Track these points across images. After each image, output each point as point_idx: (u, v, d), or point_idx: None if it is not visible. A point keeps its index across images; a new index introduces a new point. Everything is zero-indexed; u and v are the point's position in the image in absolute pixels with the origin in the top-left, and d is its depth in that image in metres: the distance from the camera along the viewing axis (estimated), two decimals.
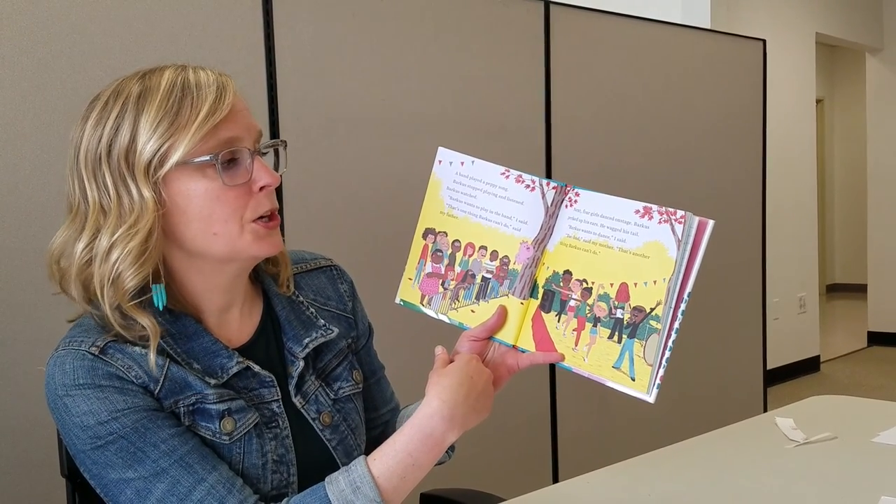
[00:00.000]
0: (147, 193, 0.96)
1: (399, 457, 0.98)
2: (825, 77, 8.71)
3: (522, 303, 1.05)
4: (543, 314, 1.04)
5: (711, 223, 0.95)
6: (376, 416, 1.24)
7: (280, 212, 1.11)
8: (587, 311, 1.01)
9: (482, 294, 1.08)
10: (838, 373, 5.72)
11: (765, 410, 3.72)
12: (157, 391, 0.98)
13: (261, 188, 1.00)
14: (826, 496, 1.40)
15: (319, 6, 2.33)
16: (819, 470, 1.51)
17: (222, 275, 1.05)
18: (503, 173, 1.08)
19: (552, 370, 2.93)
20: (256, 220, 1.00)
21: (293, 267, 1.17)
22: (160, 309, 1.00)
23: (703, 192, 3.46)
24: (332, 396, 1.12)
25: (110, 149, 0.97)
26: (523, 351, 1.06)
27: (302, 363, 1.10)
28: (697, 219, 0.96)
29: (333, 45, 2.36)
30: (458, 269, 1.10)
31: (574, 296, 1.02)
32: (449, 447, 1.17)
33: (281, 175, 1.05)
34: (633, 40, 3.23)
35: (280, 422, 1.06)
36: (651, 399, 0.97)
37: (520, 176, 1.07)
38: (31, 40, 1.83)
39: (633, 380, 0.97)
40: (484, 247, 1.08)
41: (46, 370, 0.98)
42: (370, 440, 1.20)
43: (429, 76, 2.59)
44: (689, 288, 0.96)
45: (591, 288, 1.01)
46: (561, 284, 1.03)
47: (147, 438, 0.95)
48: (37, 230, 1.83)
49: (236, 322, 1.08)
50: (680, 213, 0.96)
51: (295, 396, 1.09)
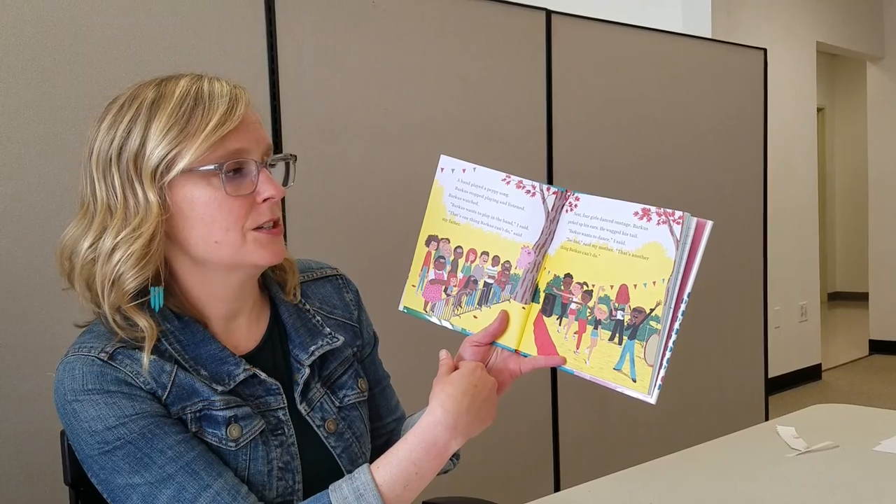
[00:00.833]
0: (152, 197, 0.98)
1: (402, 465, 0.98)
2: (826, 85, 8.72)
3: (524, 307, 1.06)
4: (545, 318, 1.04)
5: (710, 224, 0.96)
6: (381, 426, 1.24)
7: (283, 220, 1.11)
8: (588, 314, 1.01)
9: (484, 299, 1.08)
10: (840, 381, 5.71)
11: (766, 419, 3.71)
12: (165, 397, 0.98)
13: (264, 200, 1.01)
14: None
15: (322, 15, 2.34)
16: (821, 478, 1.51)
17: (227, 283, 1.06)
18: (504, 179, 1.09)
19: (554, 377, 2.93)
20: (257, 229, 1.01)
21: (299, 275, 1.17)
22: (156, 310, 1.01)
23: (705, 201, 3.47)
24: (338, 404, 1.13)
25: (121, 151, 0.99)
26: (525, 355, 1.06)
27: (307, 371, 1.10)
28: (696, 219, 0.96)
29: (336, 53, 2.36)
30: (461, 276, 1.10)
31: (575, 299, 1.02)
32: (453, 455, 1.17)
33: (287, 188, 1.06)
34: (635, 49, 3.24)
35: (286, 429, 1.06)
36: (652, 400, 0.96)
37: (520, 182, 1.08)
38: (36, 49, 1.84)
39: (635, 381, 0.97)
40: (486, 252, 1.09)
41: (55, 375, 0.99)
42: (375, 449, 1.20)
43: (431, 84, 2.60)
44: (689, 288, 0.96)
45: (592, 290, 1.01)
46: (562, 288, 1.04)
47: (154, 444, 0.96)
48: (39, 238, 1.83)
49: (244, 329, 1.09)
50: (678, 214, 0.96)
51: (300, 404, 1.09)
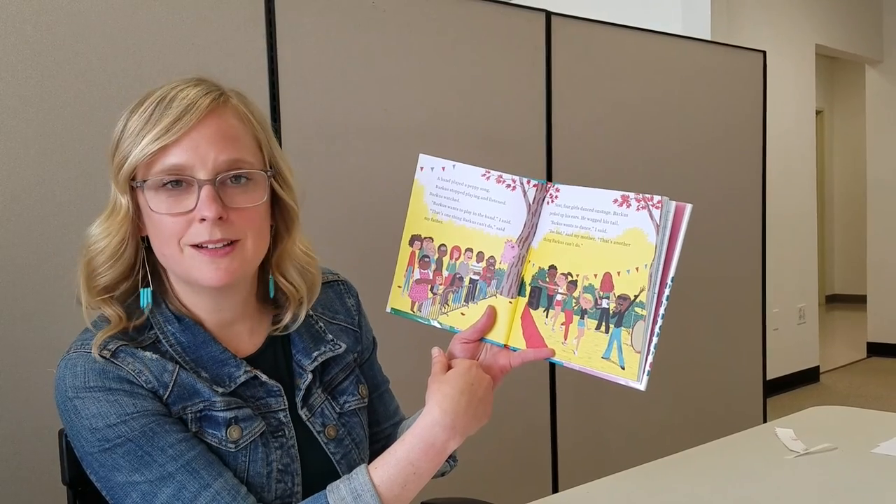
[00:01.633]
0: (123, 200, 0.99)
1: (400, 465, 0.98)
2: (825, 88, 8.73)
3: (511, 301, 1.05)
4: (532, 311, 1.04)
5: (689, 207, 0.95)
6: (379, 431, 1.24)
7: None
8: (574, 304, 1.01)
9: (471, 296, 1.08)
10: (838, 383, 5.71)
11: (765, 421, 3.72)
12: (166, 396, 0.98)
13: (200, 219, 0.98)
14: None
15: (322, 16, 2.34)
16: (819, 481, 1.52)
17: (202, 296, 1.05)
18: (484, 175, 1.09)
19: (552, 378, 2.93)
20: (196, 246, 0.99)
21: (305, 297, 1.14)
22: (144, 310, 1.02)
23: (704, 203, 3.47)
24: (338, 410, 1.13)
25: (113, 148, 1.01)
26: (515, 349, 1.06)
27: (310, 376, 1.10)
28: (674, 203, 0.96)
29: (336, 55, 2.36)
30: (446, 273, 1.10)
31: (560, 290, 1.02)
32: (451, 457, 1.16)
33: (250, 207, 1.02)
34: (634, 51, 3.24)
35: (286, 431, 1.06)
36: (642, 387, 0.96)
37: (500, 176, 1.07)
38: (35, 48, 1.84)
39: (623, 368, 0.97)
40: (470, 249, 1.08)
41: (57, 372, 0.99)
42: (373, 454, 1.18)
43: (431, 86, 2.60)
44: (672, 272, 0.96)
45: (577, 280, 1.01)
46: (547, 280, 1.03)
47: (155, 442, 0.96)
48: (38, 238, 1.84)
49: (244, 334, 1.09)
50: (657, 199, 0.96)
51: (301, 409, 1.09)
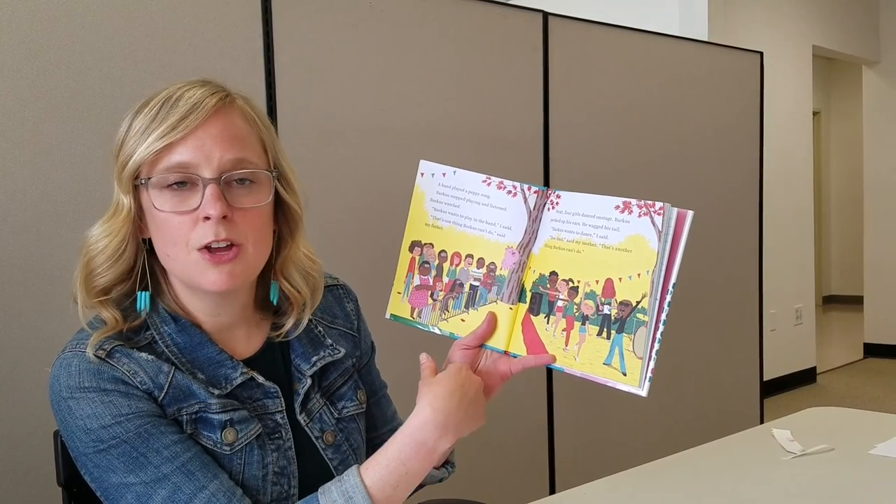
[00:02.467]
0: (125, 200, 0.99)
1: (391, 466, 0.97)
2: (822, 89, 8.74)
3: (511, 308, 1.05)
4: (532, 317, 1.04)
5: (691, 213, 0.95)
6: (376, 436, 1.23)
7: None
8: (575, 311, 1.01)
9: (471, 302, 1.07)
10: (835, 384, 5.72)
11: (761, 422, 3.72)
12: (161, 398, 0.98)
13: (205, 218, 0.97)
14: None
15: (319, 16, 2.33)
16: (816, 482, 1.51)
17: (203, 299, 1.04)
18: (485, 181, 1.08)
19: (549, 381, 2.93)
20: (202, 249, 0.97)
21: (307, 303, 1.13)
22: (140, 313, 1.01)
23: (701, 204, 3.47)
24: (336, 416, 1.12)
25: (118, 148, 1.01)
26: (515, 356, 1.05)
27: (309, 381, 1.09)
28: (676, 210, 0.96)
29: (332, 56, 2.36)
30: (447, 280, 1.09)
31: (561, 296, 1.02)
32: (450, 463, 1.16)
33: (253, 207, 1.01)
34: (631, 52, 3.25)
35: (283, 433, 1.05)
36: (644, 393, 0.96)
37: (501, 182, 1.07)
38: (31, 48, 1.83)
39: (625, 374, 0.97)
40: (470, 255, 1.08)
41: (51, 371, 0.98)
42: None
43: (428, 86, 2.60)
44: (674, 279, 0.96)
45: (578, 287, 1.01)
46: (548, 286, 1.03)
47: (150, 444, 0.95)
48: (34, 238, 1.83)
49: (242, 338, 1.08)
50: (658, 205, 0.96)
51: (300, 414, 1.08)
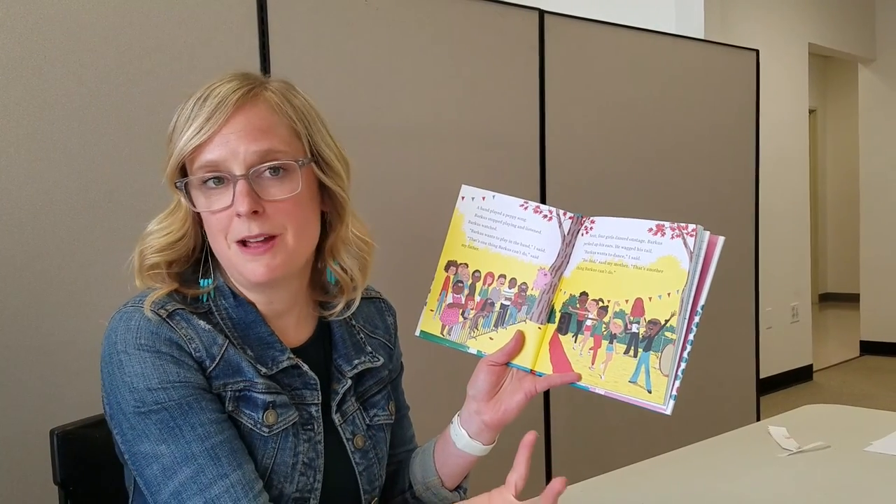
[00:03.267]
0: (180, 197, 1.01)
1: None
2: (818, 87, 8.76)
3: (540, 327, 1.05)
4: (560, 336, 1.04)
5: (722, 239, 0.98)
6: (393, 454, 1.22)
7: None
8: (603, 329, 1.01)
9: (500, 321, 1.08)
10: (831, 382, 5.73)
11: (758, 419, 3.72)
12: (211, 369, 0.98)
13: (238, 214, 0.98)
14: None
15: (314, 16, 2.33)
16: (812, 479, 1.52)
17: (255, 289, 1.05)
18: (522, 205, 1.10)
19: None
20: (238, 243, 0.99)
21: (353, 295, 1.14)
22: (203, 300, 1.03)
23: (697, 202, 3.47)
24: (367, 422, 1.12)
25: (167, 142, 1.02)
26: (541, 375, 1.06)
27: (349, 382, 1.10)
28: (708, 233, 0.98)
29: (328, 55, 2.36)
30: (478, 298, 1.10)
31: (590, 315, 1.03)
32: (462, 488, 1.17)
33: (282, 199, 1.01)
34: (628, 50, 3.25)
35: (315, 426, 1.05)
36: (668, 411, 0.97)
37: (537, 207, 1.09)
38: (27, 46, 1.83)
39: (650, 392, 0.98)
40: (503, 275, 1.09)
41: (109, 323, 0.98)
42: (385, 477, 1.18)
43: (424, 85, 2.59)
44: (703, 301, 0.97)
45: (607, 306, 1.02)
46: (577, 306, 1.04)
47: (188, 417, 0.94)
48: (30, 236, 1.83)
49: (291, 327, 1.09)
50: (691, 227, 0.98)
51: (335, 412, 1.08)
